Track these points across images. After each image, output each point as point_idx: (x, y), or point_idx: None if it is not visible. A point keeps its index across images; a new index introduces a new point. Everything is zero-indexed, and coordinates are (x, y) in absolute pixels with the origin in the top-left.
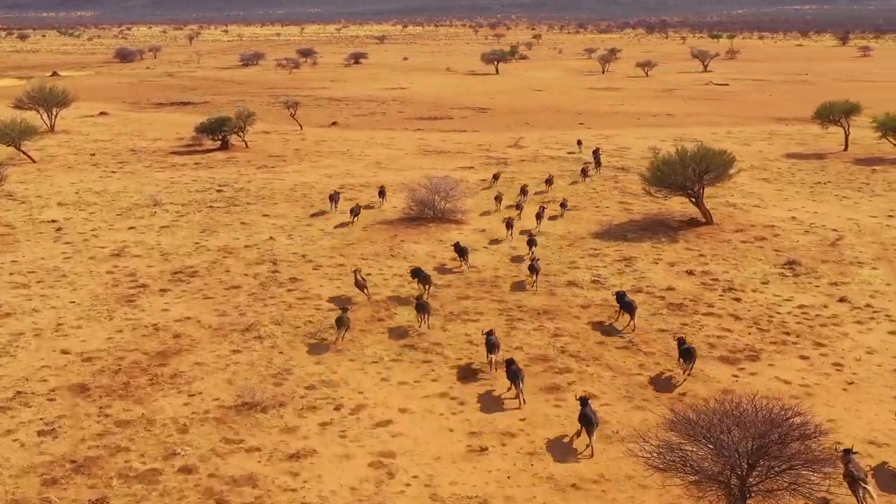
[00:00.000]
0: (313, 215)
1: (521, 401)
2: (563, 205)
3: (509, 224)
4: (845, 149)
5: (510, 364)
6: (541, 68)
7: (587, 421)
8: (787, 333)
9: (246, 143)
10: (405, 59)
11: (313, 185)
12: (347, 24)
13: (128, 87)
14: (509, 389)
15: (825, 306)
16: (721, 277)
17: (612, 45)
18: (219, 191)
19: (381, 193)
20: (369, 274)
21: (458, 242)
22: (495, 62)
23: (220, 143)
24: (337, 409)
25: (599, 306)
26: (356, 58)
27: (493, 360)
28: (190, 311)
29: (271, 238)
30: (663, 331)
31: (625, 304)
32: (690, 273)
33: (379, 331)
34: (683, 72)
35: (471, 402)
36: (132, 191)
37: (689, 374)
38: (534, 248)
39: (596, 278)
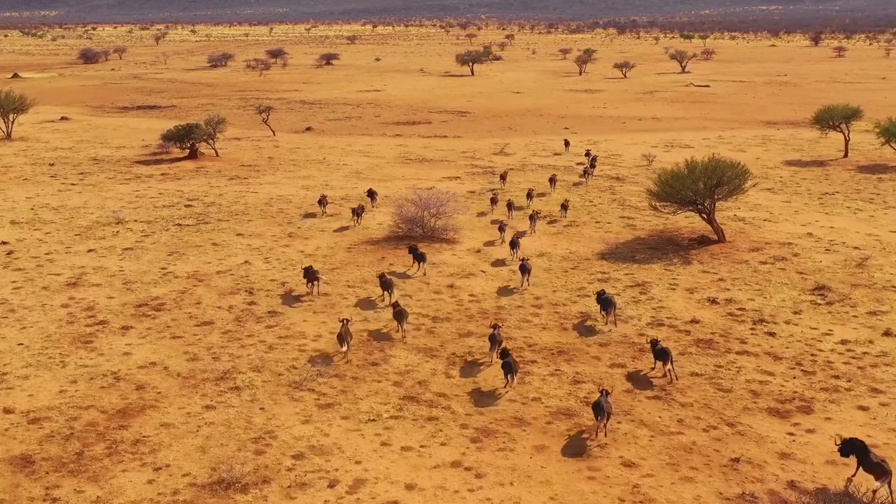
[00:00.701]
0: (291, 234)
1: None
2: (563, 206)
3: (514, 243)
4: (845, 155)
5: (505, 355)
6: (516, 69)
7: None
8: (837, 377)
9: (216, 152)
10: (377, 59)
11: (290, 198)
12: (316, 23)
13: (91, 90)
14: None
15: (870, 342)
16: (748, 307)
17: (584, 45)
18: (188, 206)
19: (371, 195)
20: (357, 306)
21: (414, 246)
22: (470, 63)
23: (188, 151)
24: (331, 485)
25: (620, 344)
26: (328, 59)
27: (494, 355)
28: (156, 354)
29: (246, 262)
30: (697, 375)
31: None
32: (713, 301)
33: (374, 378)
34: (661, 73)
35: (490, 475)
36: (93, 206)
37: (669, 374)
38: (517, 250)
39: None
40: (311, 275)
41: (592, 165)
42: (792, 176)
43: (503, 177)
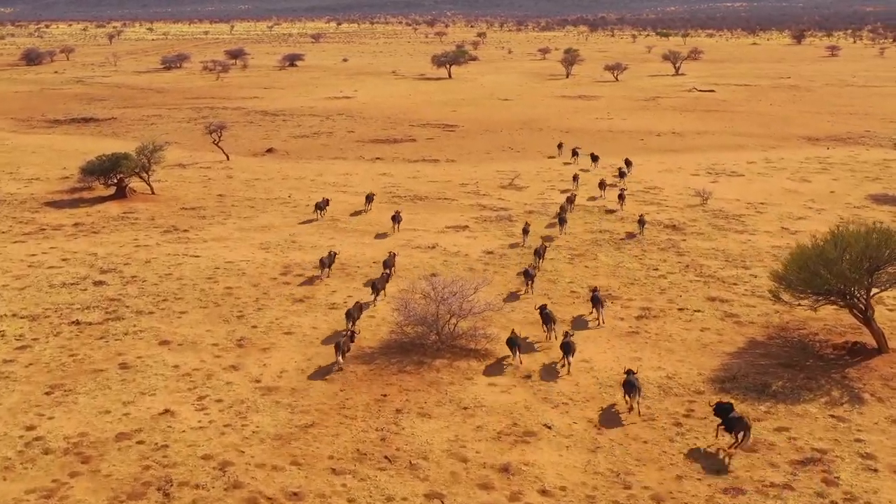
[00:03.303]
0: (243, 341)
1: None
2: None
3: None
4: None
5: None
6: (496, 71)
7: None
8: None
9: (151, 189)
10: (345, 60)
11: (242, 267)
12: (279, 21)
13: (23, 98)
14: None
15: None
16: None
17: (559, 43)
18: (97, 284)
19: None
20: None
21: None
22: (447, 65)
23: (115, 188)
24: None
25: None
26: (291, 60)
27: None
28: None
29: (167, 412)
30: None
31: None
32: None
33: None
34: (655, 75)
35: None
36: None
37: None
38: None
39: None
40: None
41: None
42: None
43: (526, 231)
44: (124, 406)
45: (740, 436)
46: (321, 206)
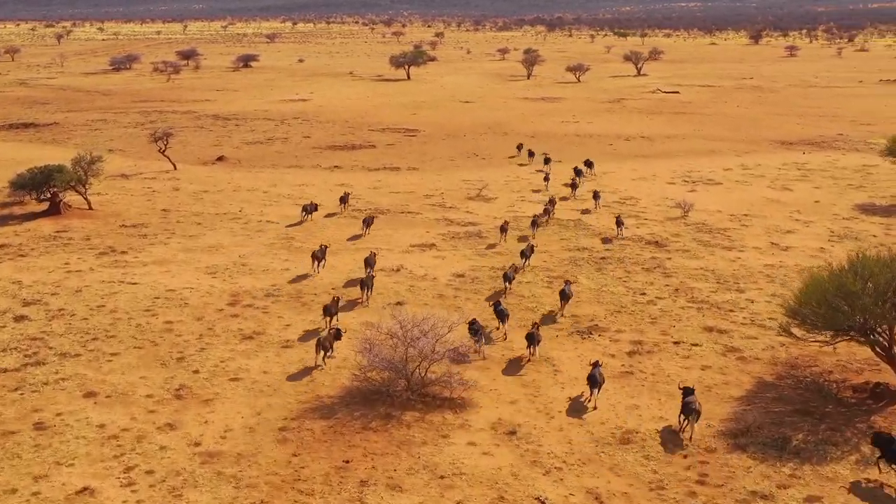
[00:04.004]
0: (182, 391)
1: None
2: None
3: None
4: None
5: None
6: (456, 72)
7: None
8: None
9: (89, 204)
10: (301, 60)
11: (185, 298)
12: (234, 21)
13: None
14: None
15: None
16: None
17: (518, 43)
18: (18, 319)
19: (367, 223)
20: None
21: None
22: (406, 66)
23: (48, 203)
24: None
25: None
26: (246, 60)
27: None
28: None
29: (86, 490)
30: None
31: None
32: None
33: None
34: (617, 75)
35: None
36: None
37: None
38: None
39: None
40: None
41: (619, 226)
42: (888, 232)
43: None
44: (35, 482)
45: None
46: (308, 210)
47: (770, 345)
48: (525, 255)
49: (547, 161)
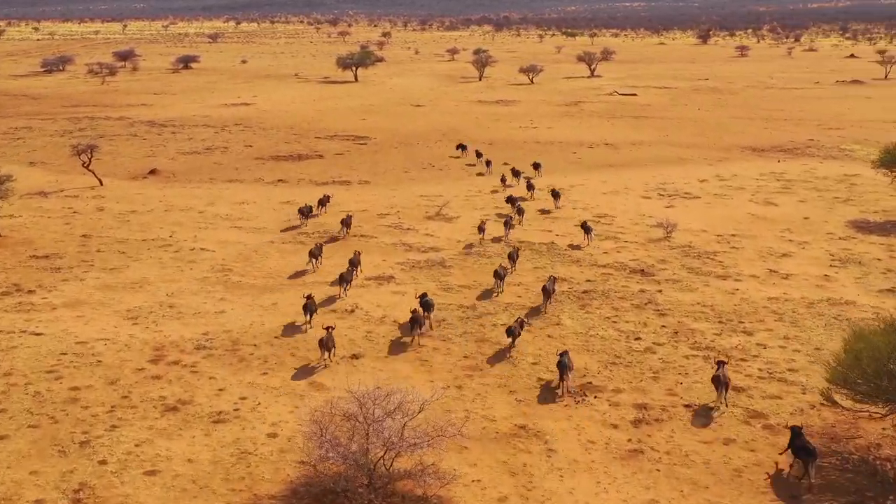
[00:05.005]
0: (81, 495)
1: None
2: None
3: None
4: None
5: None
6: (405, 73)
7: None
8: None
9: None
10: (244, 61)
11: (98, 354)
12: (175, 20)
13: None
14: None
15: None
16: None
17: (466, 43)
18: None
19: (346, 223)
20: None
21: None
22: (353, 67)
23: None
24: None
25: None
26: (186, 62)
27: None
28: None
29: None
30: None
31: None
32: None
33: None
34: (570, 77)
35: None
36: None
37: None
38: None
39: None
40: None
41: (587, 231)
42: (892, 255)
43: (481, 228)
44: None
45: None
46: (305, 213)
47: (798, 407)
48: (512, 258)
49: (517, 174)
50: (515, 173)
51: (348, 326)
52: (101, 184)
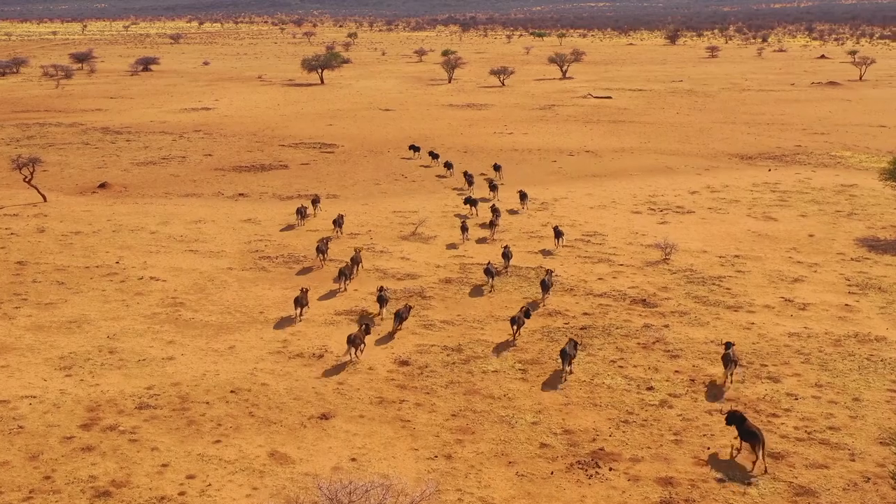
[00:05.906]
0: None
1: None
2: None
3: None
4: None
5: None
6: (372, 76)
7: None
8: None
9: None
10: (206, 63)
11: (20, 417)
12: (137, 20)
13: None
14: None
15: None
16: None
17: (432, 44)
18: None
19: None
20: None
21: None
22: (319, 69)
23: None
24: None
25: None
26: (146, 64)
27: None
28: None
29: None
30: None
31: None
32: None
33: None
34: (542, 79)
35: None
36: None
37: None
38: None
39: None
40: None
41: (559, 237)
42: None
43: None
44: None
45: None
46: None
47: (851, 480)
48: (506, 255)
49: (494, 188)
50: (493, 187)
51: (315, 377)
52: (45, 200)
